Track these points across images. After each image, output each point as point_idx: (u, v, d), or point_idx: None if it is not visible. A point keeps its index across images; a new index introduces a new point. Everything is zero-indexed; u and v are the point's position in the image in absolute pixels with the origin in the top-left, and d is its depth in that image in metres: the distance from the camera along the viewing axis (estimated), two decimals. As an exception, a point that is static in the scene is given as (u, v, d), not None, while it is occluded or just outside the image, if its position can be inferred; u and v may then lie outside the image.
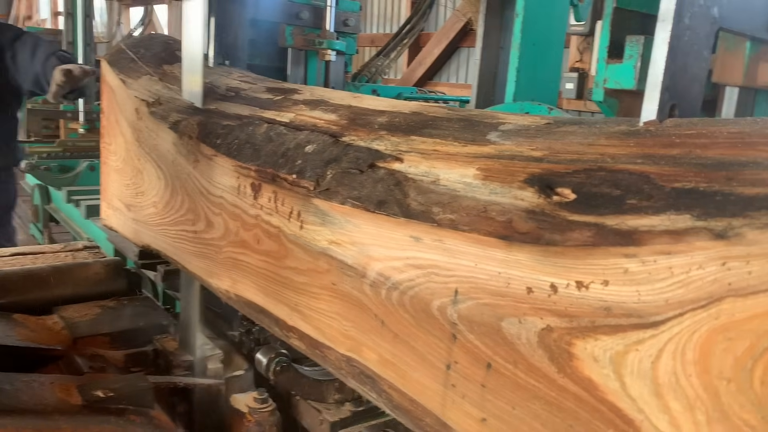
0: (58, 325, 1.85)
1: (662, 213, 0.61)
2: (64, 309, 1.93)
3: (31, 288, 1.99)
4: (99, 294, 2.07)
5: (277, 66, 1.94)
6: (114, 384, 1.48)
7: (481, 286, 0.77)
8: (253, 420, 1.50)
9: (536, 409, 0.71)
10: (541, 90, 1.11)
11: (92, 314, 1.94)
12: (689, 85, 0.79)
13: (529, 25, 1.09)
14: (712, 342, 0.55)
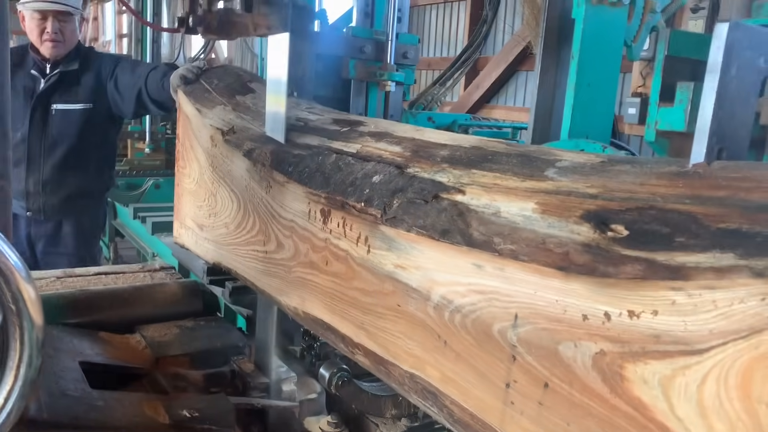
0: (140, 344, 1.96)
1: (708, 251, 0.68)
2: (145, 328, 2.04)
3: (114, 307, 2.09)
4: (176, 314, 2.16)
5: (340, 96, 2.06)
6: (198, 404, 1.57)
7: (540, 312, 0.85)
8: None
9: (590, 425, 0.78)
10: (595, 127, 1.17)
11: (171, 334, 2.03)
12: (736, 129, 0.85)
13: (584, 66, 1.16)
14: (753, 369, 0.62)
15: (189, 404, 1.57)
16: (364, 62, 1.99)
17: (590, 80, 1.20)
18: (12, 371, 0.92)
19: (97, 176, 3.13)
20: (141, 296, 2.19)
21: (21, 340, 0.91)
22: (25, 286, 0.91)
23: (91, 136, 3.00)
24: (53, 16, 2.88)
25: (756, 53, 0.85)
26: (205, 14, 1.59)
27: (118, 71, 2.92)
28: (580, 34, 1.20)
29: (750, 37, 0.85)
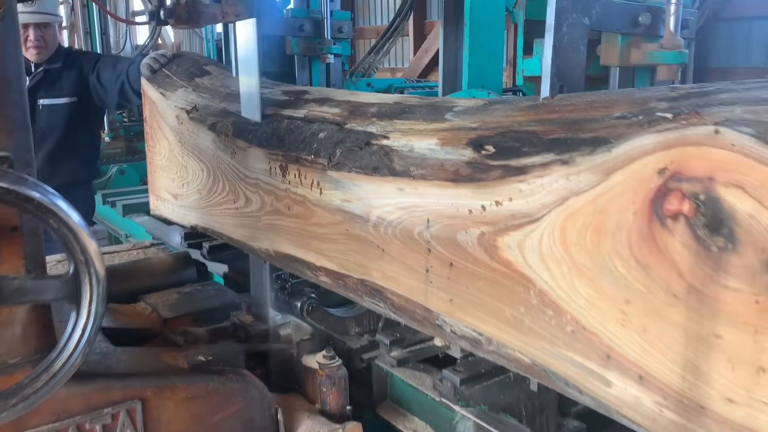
0: (147, 310, 2.20)
1: (540, 154, 1.02)
2: (148, 297, 2.26)
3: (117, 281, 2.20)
4: (174, 282, 2.38)
5: (287, 71, 2.35)
6: (210, 351, 1.80)
7: (442, 214, 1.18)
8: (324, 374, 1.74)
9: (480, 285, 1.13)
10: (489, 79, 1.50)
11: (173, 299, 2.26)
12: (572, 71, 1.20)
13: (475, 31, 1.48)
14: (566, 223, 0.97)
15: (202, 352, 1.79)
16: (304, 39, 2.28)
17: (481, 41, 1.50)
18: (86, 308, 1.17)
19: (84, 165, 3.36)
20: (140, 270, 2.42)
21: (90, 284, 1.16)
22: (90, 241, 1.15)
23: (77, 127, 3.23)
24: (34, 26, 3.08)
25: (582, 15, 1.19)
26: (174, 6, 1.76)
27: (99, 66, 3.13)
28: (469, 6, 1.51)
29: (575, 2, 1.18)
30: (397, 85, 2.59)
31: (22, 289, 1.17)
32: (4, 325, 1.27)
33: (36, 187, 1.11)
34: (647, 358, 0.88)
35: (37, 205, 1.10)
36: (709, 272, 0.80)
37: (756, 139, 0.74)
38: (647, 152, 0.85)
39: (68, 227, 1.13)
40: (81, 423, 1.45)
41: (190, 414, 1.59)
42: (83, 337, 1.18)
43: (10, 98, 1.19)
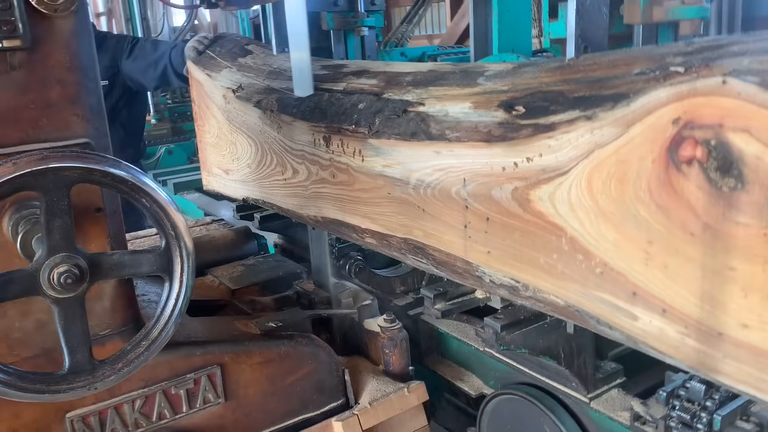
0: (215, 282, 2.34)
1: (566, 111, 1.11)
2: (215, 270, 2.41)
3: None
4: (237, 256, 2.53)
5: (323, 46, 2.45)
6: (279, 317, 1.92)
7: (478, 172, 1.28)
8: (386, 336, 1.85)
9: (516, 236, 1.23)
10: (518, 43, 1.57)
11: (238, 271, 2.40)
12: (595, 31, 1.26)
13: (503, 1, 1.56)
14: (592, 174, 1.05)
15: (272, 318, 1.91)
16: (339, 14, 2.37)
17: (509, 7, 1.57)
18: (178, 279, 1.29)
19: (128, 147, 3.51)
20: (204, 245, 2.55)
21: (181, 257, 1.27)
22: (179, 217, 1.25)
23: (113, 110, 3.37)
24: None
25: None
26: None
27: (137, 50, 3.25)
28: (496, -26, 1.59)
29: (596, -34, 1.24)
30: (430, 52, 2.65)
31: (121, 263, 1.28)
32: (94, 300, 1.39)
33: (129, 169, 1.22)
34: (669, 292, 0.97)
35: (131, 185, 1.20)
36: (721, 210, 0.88)
37: (760, 87, 0.82)
38: (662, 104, 0.93)
39: (159, 205, 1.23)
40: (167, 388, 1.59)
41: (265, 377, 1.71)
42: (177, 306, 1.30)
43: (86, 86, 1.31)
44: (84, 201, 1.34)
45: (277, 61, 2.23)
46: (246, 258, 2.55)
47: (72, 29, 1.34)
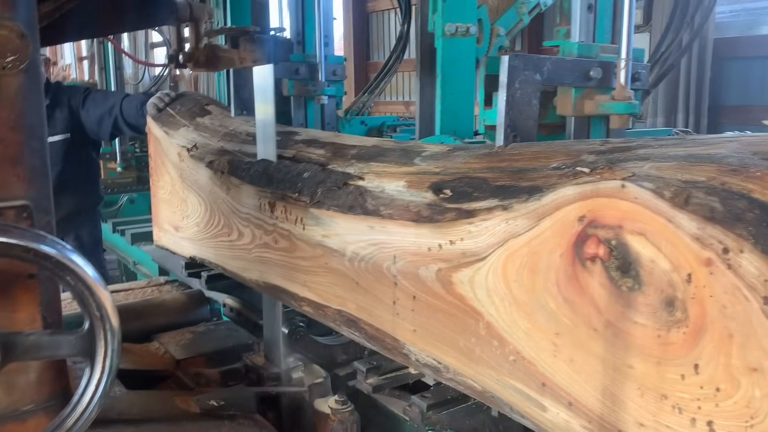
0: (160, 350, 2.21)
1: (487, 199, 1.14)
2: (162, 336, 2.28)
3: (131, 320, 2.25)
4: (187, 322, 2.40)
5: (283, 110, 2.50)
6: (222, 395, 1.77)
7: (407, 251, 1.30)
8: (336, 419, 1.74)
9: (439, 317, 1.24)
10: (460, 126, 1.63)
11: (186, 339, 2.28)
12: (525, 122, 1.32)
13: (446, 81, 1.61)
14: (507, 262, 1.08)
15: (215, 396, 1.77)
16: (299, 81, 2.43)
17: (452, 91, 1.63)
18: (100, 364, 1.18)
19: (87, 193, 3.53)
20: (153, 309, 2.46)
21: (105, 339, 1.17)
22: (105, 297, 1.16)
23: (75, 160, 3.38)
24: None
25: (533, 72, 1.32)
26: (193, 51, 1.84)
27: (89, 102, 3.30)
28: (441, 59, 1.64)
29: (526, 61, 1.31)
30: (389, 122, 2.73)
31: (37, 345, 1.19)
32: (19, 372, 1.28)
33: (54, 244, 1.14)
34: (575, 386, 0.98)
35: (54, 262, 1.13)
36: (621, 309, 0.90)
37: (654, 193, 0.86)
38: (569, 201, 0.97)
39: (85, 283, 1.16)
40: None
41: None
42: (97, 392, 1.20)
43: (30, 147, 1.28)
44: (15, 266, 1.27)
45: (234, 123, 2.27)
46: (197, 324, 2.44)
47: (20, 87, 1.33)
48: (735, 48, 5.47)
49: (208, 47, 1.88)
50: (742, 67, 5.58)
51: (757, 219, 0.77)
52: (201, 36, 1.93)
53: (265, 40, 1.76)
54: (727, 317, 0.78)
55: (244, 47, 1.79)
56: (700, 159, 0.88)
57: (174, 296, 2.61)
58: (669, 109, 5.51)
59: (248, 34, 1.79)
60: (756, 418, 0.77)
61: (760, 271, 0.75)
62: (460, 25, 1.66)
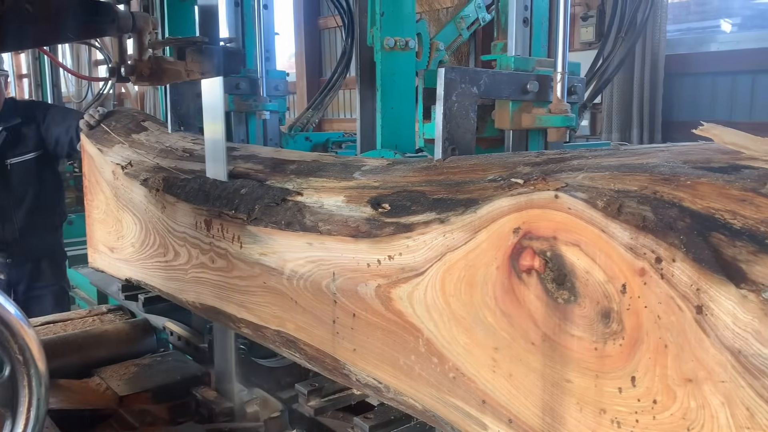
0: (101, 386, 2.03)
1: (424, 213, 1.11)
2: (103, 371, 2.10)
3: (69, 353, 2.14)
4: (132, 354, 2.23)
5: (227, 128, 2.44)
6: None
7: (346, 267, 1.26)
8: None
9: (378, 335, 1.20)
10: (401, 140, 1.61)
11: (130, 373, 2.11)
12: (462, 135, 1.30)
13: (386, 95, 1.60)
14: (445, 276, 1.05)
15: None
16: (240, 96, 2.38)
17: (393, 105, 1.62)
18: (23, 415, 1.04)
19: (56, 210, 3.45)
20: (94, 340, 2.27)
21: (30, 386, 1.04)
22: (30, 337, 1.03)
23: (47, 177, 3.31)
24: None
25: (470, 85, 1.31)
26: (136, 63, 1.72)
27: (48, 119, 3.21)
28: (380, 73, 1.63)
29: (463, 74, 1.30)
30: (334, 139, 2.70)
31: None
32: None
33: None
34: (514, 402, 0.96)
35: None
36: (558, 322, 0.88)
37: (587, 204, 0.84)
38: (504, 213, 0.95)
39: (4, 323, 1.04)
40: None
41: None
42: None
43: None
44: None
45: (171, 139, 2.19)
46: (142, 356, 2.26)
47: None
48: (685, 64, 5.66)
49: (152, 59, 1.77)
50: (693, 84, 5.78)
51: (688, 227, 0.76)
52: (145, 47, 1.82)
53: (214, 51, 1.66)
54: (661, 328, 0.77)
55: (192, 59, 1.68)
56: (633, 168, 0.88)
57: (117, 326, 2.42)
58: (624, 125, 5.67)
59: (196, 44, 1.67)
60: (693, 430, 0.75)
61: (692, 280, 0.74)
62: (399, 39, 1.65)
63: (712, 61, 5.55)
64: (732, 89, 5.51)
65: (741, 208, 0.75)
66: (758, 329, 0.69)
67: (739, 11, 5.88)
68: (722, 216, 0.75)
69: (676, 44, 5.86)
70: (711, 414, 0.74)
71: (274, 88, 2.45)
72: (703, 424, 0.74)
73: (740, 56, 5.38)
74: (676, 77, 5.71)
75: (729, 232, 0.74)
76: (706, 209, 0.77)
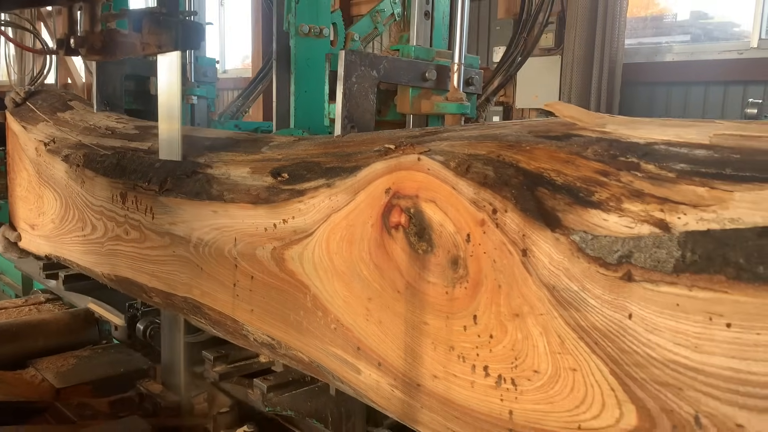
0: (36, 377, 1.94)
1: (315, 179, 1.21)
2: (39, 362, 2.00)
3: (2, 343, 2.03)
4: (71, 345, 2.13)
5: (152, 110, 2.48)
6: (113, 428, 1.57)
7: (245, 232, 1.34)
8: None
9: (273, 294, 1.28)
10: (313, 121, 1.71)
11: (69, 364, 2.00)
12: (362, 114, 1.41)
13: (300, 79, 1.70)
14: (330, 236, 1.15)
15: (101, 429, 1.55)
16: (167, 81, 2.42)
17: (306, 88, 1.71)
18: None
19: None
20: (30, 330, 2.16)
21: None
22: None
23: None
24: None
25: (370, 68, 1.41)
26: (87, 35, 1.58)
27: None
28: (294, 57, 1.72)
29: (363, 58, 1.40)
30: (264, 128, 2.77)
31: None
32: None
33: None
34: (383, 346, 1.06)
35: None
36: (418, 271, 0.99)
37: (442, 165, 0.96)
38: (378, 175, 1.06)
39: None
40: None
41: None
42: None
43: None
44: None
45: (95, 118, 2.22)
46: (83, 347, 2.16)
47: None
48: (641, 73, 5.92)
49: (105, 32, 1.63)
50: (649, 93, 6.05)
51: (520, 183, 0.88)
52: (97, 18, 1.67)
53: (173, 23, 1.53)
54: (497, 270, 0.89)
55: (148, 30, 1.54)
56: (487, 137, 1.00)
57: (56, 316, 2.32)
58: (582, 130, 5.91)
59: (153, 15, 1.53)
60: (519, 359, 0.87)
61: (519, 228, 0.86)
62: (313, 26, 1.75)
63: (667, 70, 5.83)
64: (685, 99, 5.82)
65: (564, 168, 0.87)
66: (567, 267, 0.81)
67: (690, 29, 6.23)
68: (549, 174, 0.88)
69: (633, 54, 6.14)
70: (533, 344, 0.85)
71: (203, 74, 2.51)
72: (527, 353, 0.86)
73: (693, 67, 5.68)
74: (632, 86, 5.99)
75: (552, 187, 0.86)
76: (537, 169, 0.89)
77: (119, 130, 2.07)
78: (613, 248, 0.77)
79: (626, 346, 0.76)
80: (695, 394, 0.71)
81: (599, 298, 0.78)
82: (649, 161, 0.82)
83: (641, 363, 0.75)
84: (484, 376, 0.91)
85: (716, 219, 0.71)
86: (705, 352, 0.70)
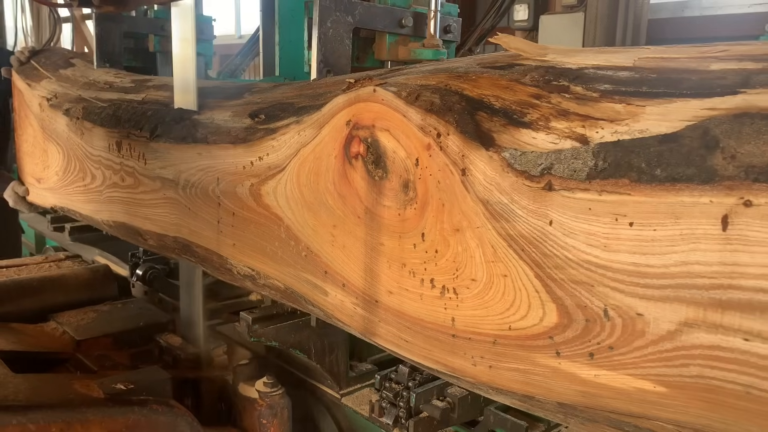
0: (57, 330, 1.97)
1: (288, 118, 1.28)
2: (60, 316, 2.03)
3: (23, 297, 2.07)
4: (90, 300, 2.17)
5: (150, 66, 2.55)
6: (133, 377, 1.57)
7: (227, 171, 1.42)
8: (265, 404, 1.58)
9: (252, 228, 1.37)
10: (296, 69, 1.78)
11: (89, 318, 2.03)
12: (338, 59, 1.47)
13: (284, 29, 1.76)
14: (299, 169, 1.22)
15: (123, 378, 1.55)
16: (165, 38, 2.49)
17: (290, 39, 1.77)
18: None
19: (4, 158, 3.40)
20: (51, 285, 2.19)
21: None
22: None
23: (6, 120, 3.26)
24: None
25: (345, 14, 1.47)
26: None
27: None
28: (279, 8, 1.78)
29: (338, 3, 1.46)
30: (262, 86, 2.85)
31: None
32: None
33: None
34: (346, 268, 1.14)
35: None
36: (375, 196, 1.07)
37: (395, 95, 1.02)
38: (340, 108, 1.12)
39: None
40: None
41: None
42: None
43: None
44: None
45: (95, 73, 2.31)
46: (102, 303, 2.19)
47: None
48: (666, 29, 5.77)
49: None
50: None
51: (462, 109, 0.95)
52: None
53: None
54: (441, 190, 0.96)
55: None
56: (440, 71, 1.06)
57: (75, 271, 2.33)
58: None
59: None
60: (459, 270, 0.95)
61: (459, 149, 0.93)
62: (296, -24, 1.80)
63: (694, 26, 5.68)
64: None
65: (503, 93, 0.94)
66: (499, 182, 0.88)
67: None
68: (489, 99, 0.94)
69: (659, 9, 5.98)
70: (470, 255, 0.93)
71: (200, 31, 2.57)
72: (466, 263, 0.94)
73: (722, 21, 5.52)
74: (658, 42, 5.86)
75: (490, 111, 0.92)
76: (479, 95, 0.95)
77: (117, 84, 2.15)
78: (538, 162, 0.84)
79: (548, 250, 0.83)
80: (604, 290, 0.78)
81: (525, 208, 0.85)
82: (578, 84, 0.88)
83: (560, 265, 0.82)
84: (431, 288, 0.99)
85: (628, 131, 0.78)
86: (612, 250, 0.77)
